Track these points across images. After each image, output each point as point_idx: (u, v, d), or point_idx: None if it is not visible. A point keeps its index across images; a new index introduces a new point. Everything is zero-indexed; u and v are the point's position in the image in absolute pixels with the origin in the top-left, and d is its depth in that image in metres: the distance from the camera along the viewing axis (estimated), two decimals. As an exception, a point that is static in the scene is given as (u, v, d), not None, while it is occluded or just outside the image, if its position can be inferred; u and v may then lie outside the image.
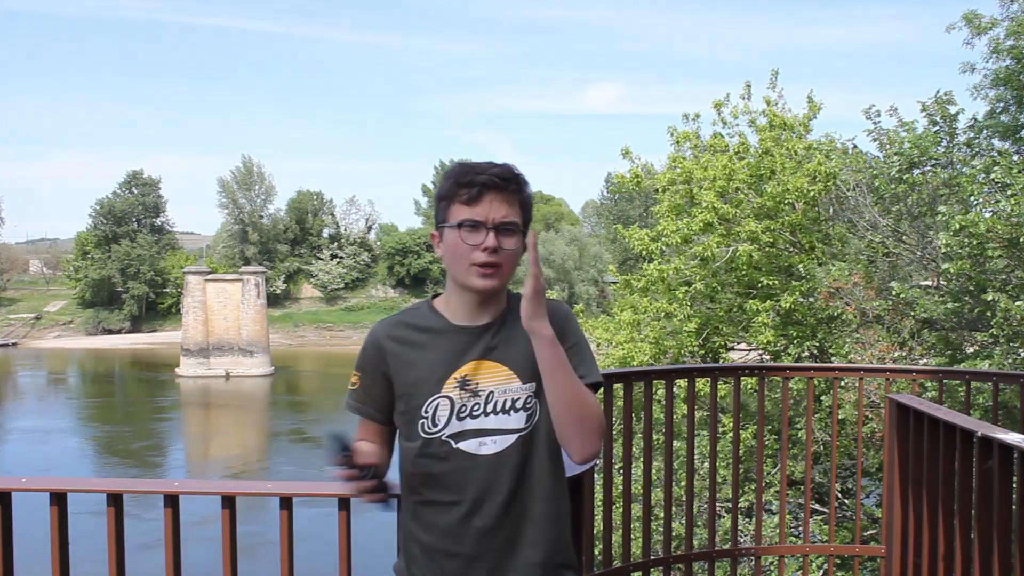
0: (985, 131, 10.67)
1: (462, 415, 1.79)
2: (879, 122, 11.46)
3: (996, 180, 8.79)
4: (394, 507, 1.87)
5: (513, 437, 1.79)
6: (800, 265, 11.71)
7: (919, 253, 10.90)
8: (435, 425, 1.80)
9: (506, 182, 1.77)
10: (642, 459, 3.84)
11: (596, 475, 3.78)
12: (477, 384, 1.80)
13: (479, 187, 1.76)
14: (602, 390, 3.73)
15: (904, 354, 10.27)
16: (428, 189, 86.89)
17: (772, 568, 9.27)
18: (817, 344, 11.66)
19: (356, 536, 2.45)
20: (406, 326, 1.88)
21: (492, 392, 1.80)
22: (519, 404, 1.80)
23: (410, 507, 1.87)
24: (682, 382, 4.30)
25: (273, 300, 70.56)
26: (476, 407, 1.79)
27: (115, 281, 72.72)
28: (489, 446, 1.79)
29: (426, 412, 1.80)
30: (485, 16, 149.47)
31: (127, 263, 72.05)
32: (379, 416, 1.88)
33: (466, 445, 1.79)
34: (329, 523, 2.41)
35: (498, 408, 1.79)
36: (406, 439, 1.85)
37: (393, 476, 1.86)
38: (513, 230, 1.78)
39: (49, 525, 2.32)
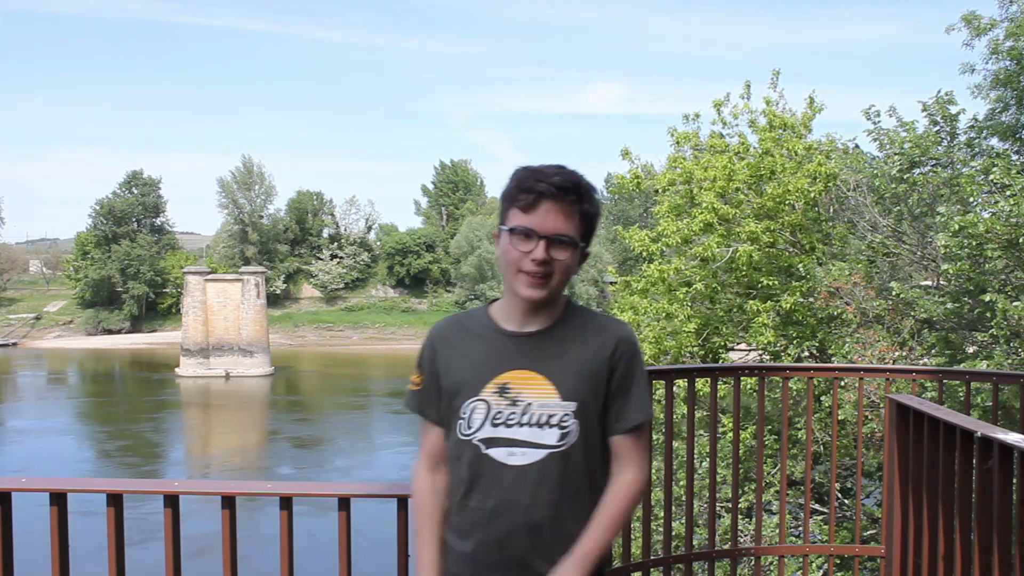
0: (985, 131, 10.66)
1: (496, 421, 1.77)
2: (879, 122, 11.46)
3: (995, 181, 8.79)
4: None
5: (543, 452, 1.76)
6: (800, 265, 11.71)
7: (919, 253, 10.90)
8: (470, 427, 1.79)
9: (565, 192, 1.73)
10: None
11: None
12: (517, 393, 1.77)
13: (536, 195, 1.72)
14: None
15: (904, 354, 10.27)
16: (428, 189, 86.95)
17: (772, 568, 9.27)
18: (817, 344, 11.66)
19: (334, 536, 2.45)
20: (458, 327, 1.88)
21: (531, 404, 1.77)
22: (555, 420, 1.76)
23: (448, 506, 1.89)
24: (682, 382, 4.30)
25: (273, 300, 70.58)
26: (512, 416, 1.77)
27: (115, 281, 72.75)
28: (518, 457, 1.76)
29: (464, 414, 1.80)
30: (486, 16, 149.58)
31: (127, 263, 72.06)
32: (438, 418, 1.86)
33: (496, 452, 1.77)
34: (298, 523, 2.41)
35: (533, 421, 1.76)
36: (446, 439, 1.85)
37: None
38: (566, 243, 1.74)
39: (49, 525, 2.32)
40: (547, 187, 1.72)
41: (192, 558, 2.50)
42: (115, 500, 2.35)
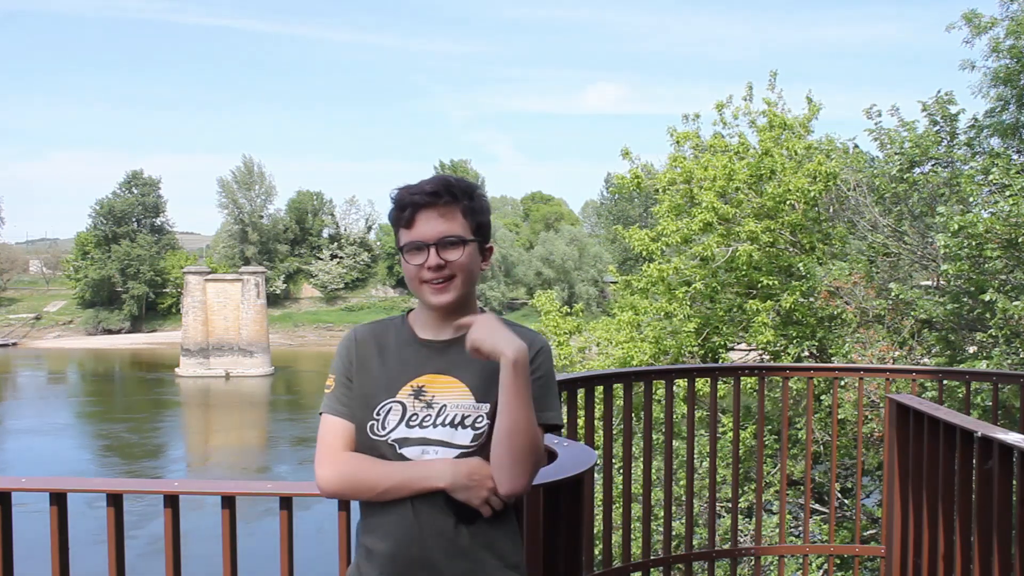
0: (985, 131, 10.65)
1: (412, 423, 1.80)
2: (880, 122, 11.44)
3: (994, 181, 8.79)
4: None
5: (455, 452, 1.79)
6: (800, 265, 11.71)
7: (919, 253, 10.90)
8: (383, 428, 1.81)
9: (436, 196, 1.79)
10: (642, 459, 3.84)
11: (596, 475, 3.78)
12: (432, 396, 1.82)
13: (411, 208, 1.79)
14: (602, 388, 3.74)
15: (904, 354, 10.26)
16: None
17: (772, 568, 9.28)
18: (817, 344, 11.66)
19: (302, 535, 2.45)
20: (374, 333, 1.92)
21: (445, 405, 1.81)
22: (468, 421, 1.80)
23: (360, 510, 1.89)
24: (682, 382, 4.30)
25: (273, 300, 70.57)
26: (427, 418, 1.80)
27: (115, 281, 72.73)
28: (431, 456, 1.79)
29: (378, 415, 1.82)
30: (486, 16, 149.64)
31: (127, 263, 72.05)
32: (352, 418, 1.88)
33: (409, 452, 1.79)
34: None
35: (447, 421, 1.80)
36: (358, 440, 1.85)
37: None
38: (455, 242, 1.79)
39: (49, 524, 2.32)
40: (420, 197, 1.79)
41: (155, 556, 2.49)
42: (115, 500, 2.35)
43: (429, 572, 1.77)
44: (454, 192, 1.80)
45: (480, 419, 1.80)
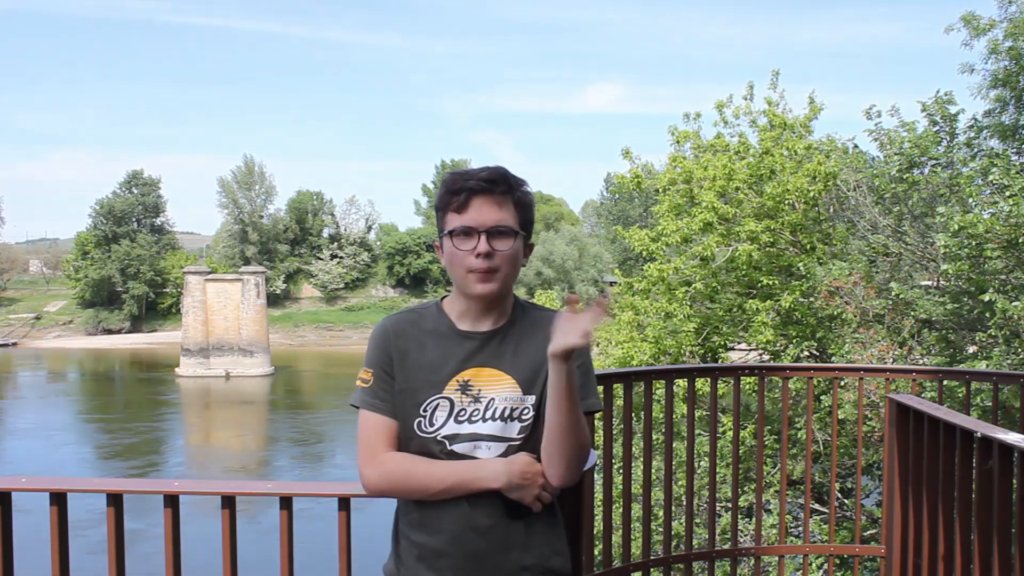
0: (985, 132, 10.65)
1: (460, 418, 1.80)
2: (879, 122, 11.44)
3: (994, 182, 8.79)
4: None
5: (505, 446, 1.80)
6: (800, 265, 11.71)
7: (919, 253, 10.90)
8: (432, 425, 1.80)
9: (493, 184, 1.77)
10: (642, 459, 3.84)
11: (596, 475, 3.78)
12: (480, 390, 1.80)
13: (466, 193, 1.77)
14: (602, 388, 3.74)
15: (904, 354, 10.26)
16: (428, 189, 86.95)
17: (772, 568, 9.27)
18: (817, 344, 11.66)
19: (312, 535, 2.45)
20: (412, 324, 1.88)
21: (493, 399, 1.80)
22: (516, 414, 1.80)
23: (404, 506, 1.87)
24: (682, 382, 4.31)
25: (273, 300, 70.55)
26: (475, 412, 1.80)
27: (115, 281, 72.71)
28: (483, 451, 1.79)
29: (425, 411, 1.80)
30: (485, 16, 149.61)
31: (127, 263, 72.03)
32: (394, 413, 1.84)
33: (460, 447, 1.79)
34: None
35: (496, 415, 1.80)
36: (402, 436, 1.83)
37: None
38: (506, 233, 1.77)
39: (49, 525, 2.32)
40: (476, 183, 1.77)
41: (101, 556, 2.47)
42: (115, 500, 2.35)
43: (483, 567, 1.78)
44: (510, 182, 1.80)
45: (526, 411, 1.81)
